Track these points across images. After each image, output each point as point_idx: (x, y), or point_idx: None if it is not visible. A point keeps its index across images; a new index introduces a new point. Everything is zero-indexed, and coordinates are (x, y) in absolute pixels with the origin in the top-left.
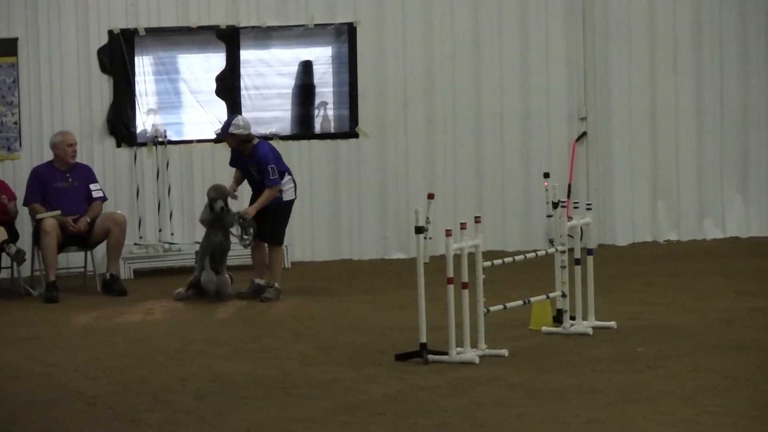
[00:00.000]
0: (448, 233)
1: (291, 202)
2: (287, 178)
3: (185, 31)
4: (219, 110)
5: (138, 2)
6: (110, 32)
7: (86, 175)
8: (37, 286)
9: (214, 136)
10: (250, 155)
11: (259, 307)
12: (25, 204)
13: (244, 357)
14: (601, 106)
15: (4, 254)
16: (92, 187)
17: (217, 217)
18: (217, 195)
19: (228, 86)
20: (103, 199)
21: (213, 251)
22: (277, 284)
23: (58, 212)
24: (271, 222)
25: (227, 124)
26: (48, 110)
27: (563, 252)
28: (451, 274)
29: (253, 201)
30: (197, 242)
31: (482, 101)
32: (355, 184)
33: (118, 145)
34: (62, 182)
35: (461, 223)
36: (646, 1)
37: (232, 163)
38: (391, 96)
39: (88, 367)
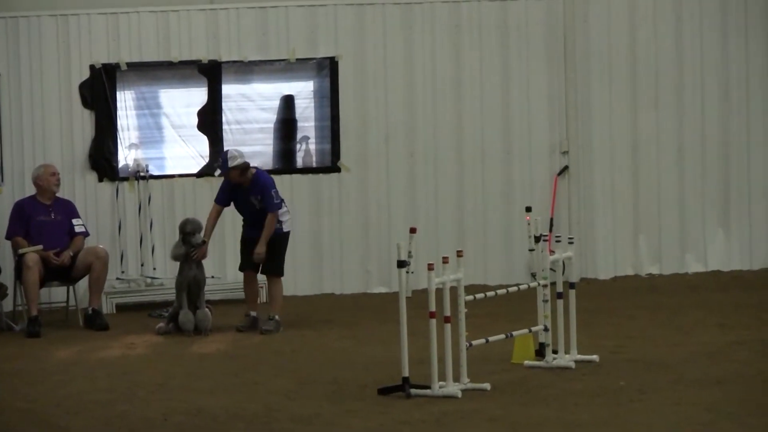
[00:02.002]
0: (430, 267)
1: (288, 234)
2: (285, 208)
3: (167, 66)
4: (201, 145)
5: (119, 37)
6: (92, 67)
7: (68, 209)
8: (19, 321)
9: (196, 173)
10: (251, 185)
11: (242, 342)
12: (7, 237)
13: (226, 391)
14: (582, 140)
15: None
16: (75, 222)
17: (192, 251)
18: (194, 228)
19: (210, 121)
20: (85, 234)
21: (189, 285)
22: (277, 316)
23: (40, 247)
24: (270, 252)
25: (224, 161)
26: (30, 145)
27: (545, 286)
28: (433, 308)
29: (250, 233)
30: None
31: (464, 135)
32: (336, 218)
33: (100, 180)
34: (45, 216)
35: (443, 257)
36: (627, 37)
37: (223, 201)
38: (373, 130)
39: (70, 402)
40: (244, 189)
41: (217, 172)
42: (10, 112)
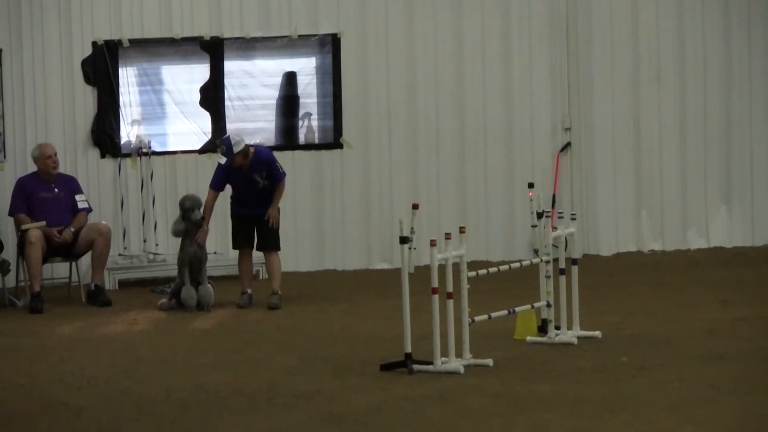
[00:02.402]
0: (433, 243)
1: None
2: None
3: (169, 42)
4: (203, 121)
5: (122, 13)
6: (94, 43)
7: (71, 186)
8: (21, 297)
9: (198, 149)
10: (253, 163)
11: (243, 318)
12: (10, 214)
13: (228, 367)
14: (584, 116)
15: None
16: (78, 198)
17: (192, 227)
18: (193, 204)
19: (212, 97)
20: (88, 210)
21: (190, 262)
22: (279, 291)
23: (43, 223)
24: (267, 229)
25: (229, 148)
26: (32, 121)
27: (548, 262)
28: (435, 284)
29: (247, 211)
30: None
31: (466, 111)
32: (338, 194)
33: (103, 156)
34: (47, 192)
35: (445, 234)
36: (629, 13)
37: (220, 186)
38: (375, 107)
39: (72, 378)
40: (244, 170)
41: (223, 159)
42: (12, 88)
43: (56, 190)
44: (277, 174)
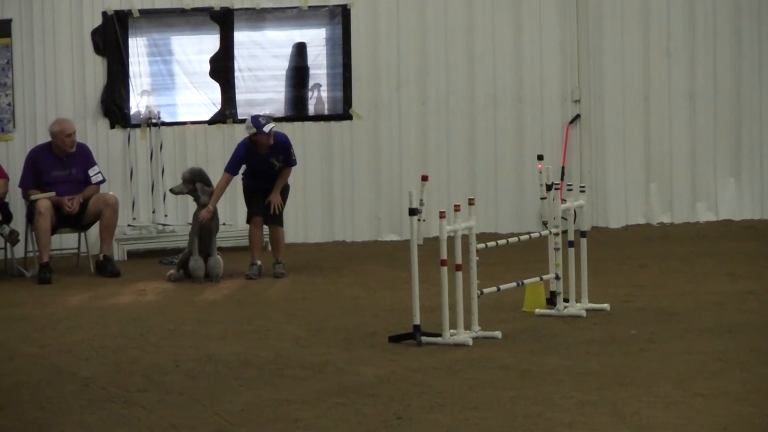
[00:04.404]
0: (442, 215)
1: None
2: None
3: (179, 13)
4: (213, 92)
5: None
6: (104, 13)
7: (85, 160)
8: (30, 267)
9: (208, 120)
10: (272, 147)
11: (252, 288)
12: (20, 186)
13: (237, 338)
14: (594, 88)
15: None
16: (91, 172)
17: (191, 194)
18: (183, 177)
19: (222, 68)
20: (102, 181)
21: (200, 231)
22: (282, 260)
23: (53, 193)
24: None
25: (260, 126)
26: (42, 92)
27: (557, 234)
28: (444, 256)
29: (260, 185)
30: (190, 224)
31: (476, 83)
32: (348, 166)
33: (112, 127)
34: (60, 171)
35: (455, 205)
36: None
37: (235, 171)
38: (385, 78)
39: (80, 348)
40: (261, 153)
41: (252, 130)
42: (22, 58)
43: (69, 168)
44: (291, 159)
